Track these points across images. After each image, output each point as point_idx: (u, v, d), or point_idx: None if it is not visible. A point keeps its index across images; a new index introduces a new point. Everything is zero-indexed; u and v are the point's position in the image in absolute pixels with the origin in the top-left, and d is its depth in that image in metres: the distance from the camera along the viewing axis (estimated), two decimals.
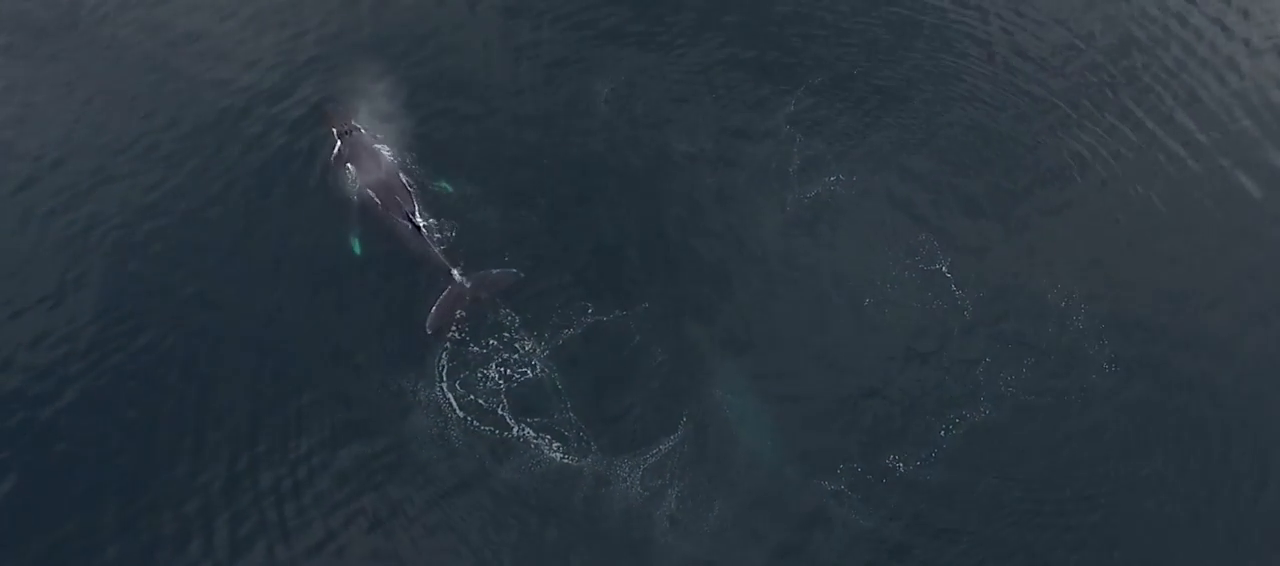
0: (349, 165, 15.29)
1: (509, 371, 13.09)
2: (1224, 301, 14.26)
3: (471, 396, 12.87)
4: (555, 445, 12.49)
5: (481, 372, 13.07)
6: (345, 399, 13.06)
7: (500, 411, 12.71)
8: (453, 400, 12.86)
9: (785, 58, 16.90)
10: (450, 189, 15.12)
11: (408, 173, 15.28)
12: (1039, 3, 18.08)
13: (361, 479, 12.46)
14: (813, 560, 12.01)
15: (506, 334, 13.39)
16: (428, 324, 13.48)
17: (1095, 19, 17.96)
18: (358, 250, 14.47)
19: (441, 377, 13.08)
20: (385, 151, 15.60)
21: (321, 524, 12.15)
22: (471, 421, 12.69)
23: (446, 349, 13.31)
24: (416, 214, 14.41)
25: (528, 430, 12.59)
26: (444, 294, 13.72)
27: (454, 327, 13.49)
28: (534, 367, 13.12)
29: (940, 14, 17.74)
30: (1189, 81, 17.08)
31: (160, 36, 17.67)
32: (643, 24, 17.44)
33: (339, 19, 18.13)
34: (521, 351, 13.23)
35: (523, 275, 14.01)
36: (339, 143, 15.57)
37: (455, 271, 13.85)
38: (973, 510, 12.26)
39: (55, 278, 14.31)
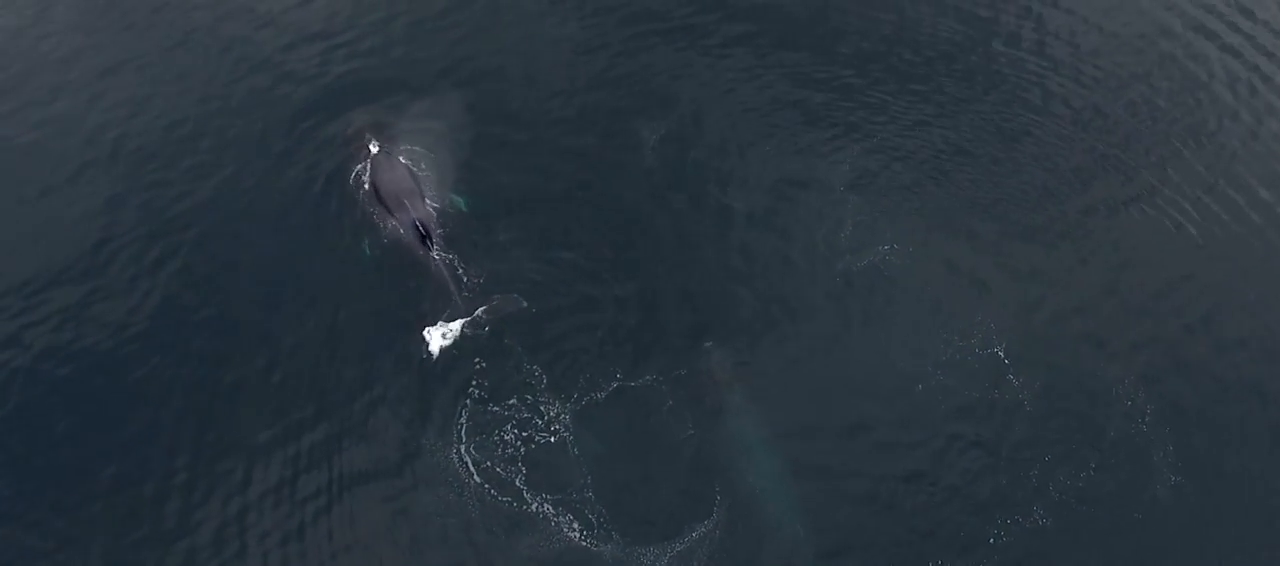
0: (374, 180, 14.83)
1: (530, 436, 12.35)
2: None
3: (489, 462, 12.15)
4: (575, 524, 11.73)
5: (501, 435, 12.35)
6: (358, 446, 12.45)
7: (518, 482, 11.97)
8: (470, 464, 12.16)
9: (842, 103, 15.98)
10: (465, 206, 14.68)
11: (431, 194, 14.80)
12: (1115, 57, 17.02)
13: (368, 537, 11.82)
14: None
15: (530, 396, 12.64)
16: (423, 329, 13.22)
17: (1167, 70, 16.86)
18: (367, 253, 14.21)
19: (460, 437, 12.37)
20: (414, 170, 15.10)
21: None
22: (488, 490, 11.96)
23: (466, 406, 12.60)
24: (434, 239, 13.96)
25: (546, 505, 11.84)
26: (444, 313, 13.33)
27: (475, 381, 12.84)
28: (556, 433, 12.37)
29: (1010, 64, 16.70)
30: (1271, 145, 15.95)
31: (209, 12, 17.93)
32: (699, 65, 16.62)
33: (386, 30, 17.61)
34: (545, 415, 12.48)
35: (526, 303, 13.47)
36: (369, 155, 15.24)
37: (458, 297, 13.46)
38: None
39: (53, 277, 14.11)
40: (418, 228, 13.94)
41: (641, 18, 17.66)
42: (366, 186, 14.89)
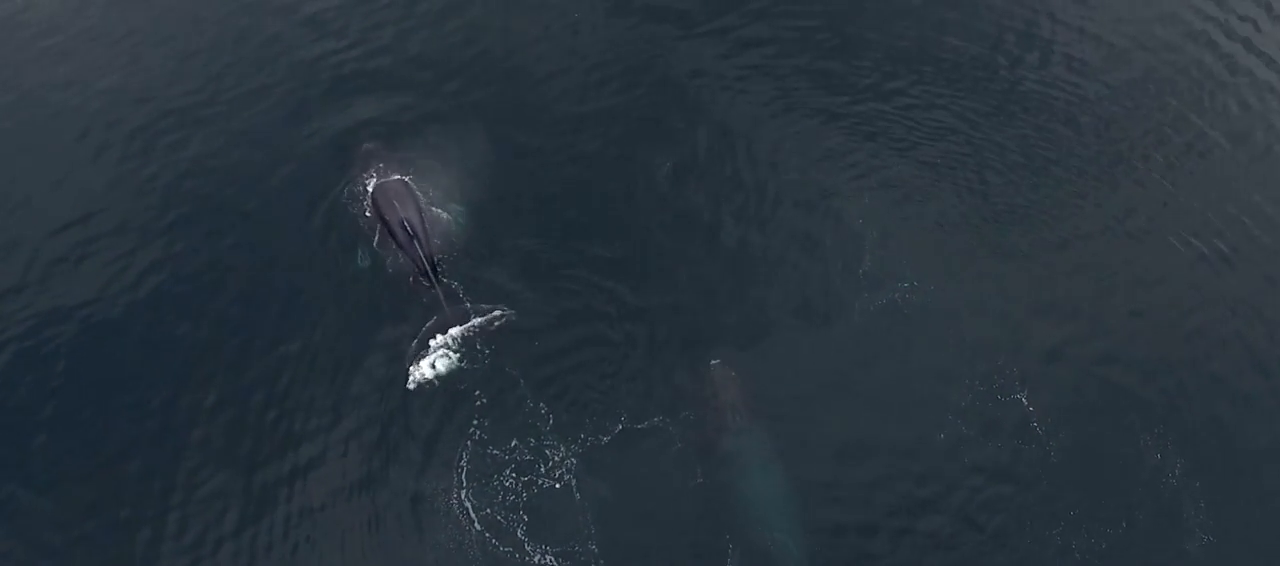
0: (376, 198, 14.34)
1: (532, 482, 11.80)
2: None
3: (489, 509, 11.61)
4: None
5: (503, 481, 11.80)
6: (346, 481, 11.99)
7: (520, 533, 11.44)
8: (471, 510, 11.63)
9: (860, 123, 15.35)
10: (465, 220, 14.26)
11: (434, 207, 14.36)
12: (1139, 67, 16.35)
13: None
14: None
15: (533, 439, 12.08)
16: (419, 353, 12.79)
17: (1194, 79, 16.17)
18: (361, 264, 13.86)
19: (462, 482, 11.83)
20: (416, 185, 14.57)
21: None
22: (489, 539, 11.43)
23: (467, 448, 12.06)
24: (437, 261, 13.57)
25: (549, 558, 11.30)
26: (441, 333, 12.88)
27: (476, 420, 12.29)
28: (560, 480, 11.82)
29: (1048, 88, 16.00)
30: None
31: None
32: (711, 75, 16.00)
33: (390, 32, 17.09)
34: (549, 461, 11.93)
35: (514, 315, 13.10)
36: (369, 167, 14.79)
37: (454, 316, 13.06)
38: None
39: (34, 284, 13.76)
40: (419, 248, 13.50)
41: (654, 20, 17.01)
42: (368, 205, 14.40)
